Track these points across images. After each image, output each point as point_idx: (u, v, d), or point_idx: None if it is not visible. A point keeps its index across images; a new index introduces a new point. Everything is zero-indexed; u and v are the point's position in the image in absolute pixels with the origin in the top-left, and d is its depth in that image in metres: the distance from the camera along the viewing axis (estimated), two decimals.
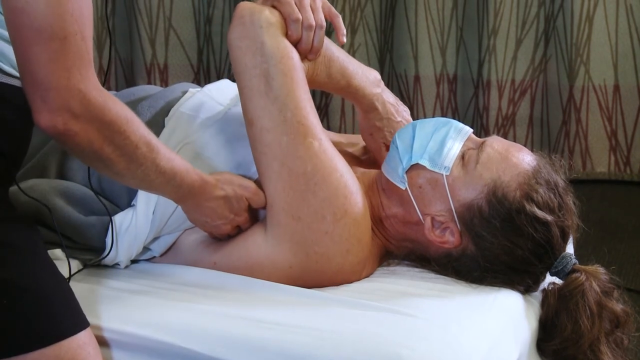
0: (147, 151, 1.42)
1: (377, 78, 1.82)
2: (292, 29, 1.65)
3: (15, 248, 1.39)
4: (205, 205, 1.58)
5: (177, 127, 1.71)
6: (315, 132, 1.62)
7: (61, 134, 1.32)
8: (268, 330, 1.48)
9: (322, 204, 1.60)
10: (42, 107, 1.30)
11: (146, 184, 1.49)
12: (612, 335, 1.66)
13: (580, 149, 3.75)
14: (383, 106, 1.82)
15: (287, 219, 1.60)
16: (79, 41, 1.30)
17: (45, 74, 1.29)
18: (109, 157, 1.38)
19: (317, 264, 1.61)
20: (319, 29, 1.67)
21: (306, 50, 1.67)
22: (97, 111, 1.33)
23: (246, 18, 1.63)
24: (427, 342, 1.46)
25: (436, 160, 1.66)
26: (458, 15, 3.80)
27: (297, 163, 1.60)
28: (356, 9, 3.86)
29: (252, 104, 1.62)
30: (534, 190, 1.63)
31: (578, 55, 3.66)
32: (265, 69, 1.61)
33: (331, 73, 1.74)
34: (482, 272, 1.65)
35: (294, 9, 1.65)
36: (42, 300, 1.38)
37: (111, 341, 1.51)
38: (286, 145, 1.60)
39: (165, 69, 3.94)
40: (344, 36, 1.72)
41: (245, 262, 1.63)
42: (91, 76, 1.33)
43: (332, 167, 1.62)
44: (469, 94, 3.84)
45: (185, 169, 1.52)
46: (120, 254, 1.66)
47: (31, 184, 1.63)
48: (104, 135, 1.35)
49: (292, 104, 1.61)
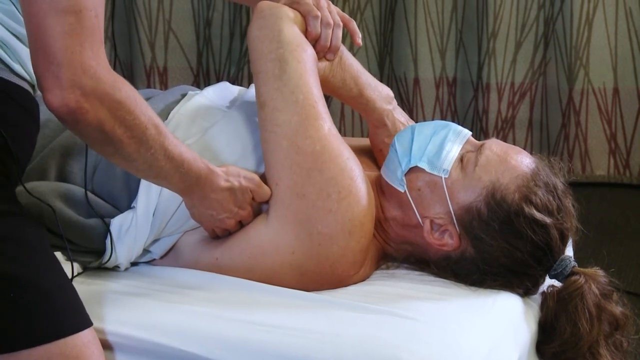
0: (155, 134, 1.42)
1: (389, 95, 1.85)
2: (312, 25, 1.70)
3: (22, 243, 1.39)
4: (211, 196, 1.58)
5: (176, 130, 1.71)
6: (325, 117, 1.65)
7: (72, 112, 1.31)
8: (267, 333, 1.48)
9: (328, 182, 1.61)
10: (54, 84, 1.30)
11: (155, 170, 1.48)
12: (612, 337, 1.66)
13: (580, 151, 3.75)
14: (393, 124, 1.84)
15: (292, 196, 1.61)
16: (92, 17, 1.30)
17: (59, 47, 1.29)
18: (120, 138, 1.38)
19: (319, 246, 1.60)
20: (337, 28, 1.72)
21: (325, 47, 1.71)
22: (108, 89, 1.33)
23: (266, 12, 1.69)
24: (427, 345, 1.46)
25: (435, 163, 1.66)
26: (457, 18, 3.80)
27: (306, 142, 1.61)
28: (356, 12, 3.87)
29: (266, 87, 1.65)
30: (533, 193, 1.63)
31: (577, 58, 3.67)
32: (280, 54, 1.65)
33: (345, 78, 1.77)
34: (481, 274, 1.65)
35: (313, 7, 1.71)
36: (47, 297, 1.38)
37: (111, 343, 1.51)
38: (296, 124, 1.62)
39: (164, 71, 3.94)
40: (360, 39, 1.78)
41: (247, 253, 1.63)
42: (102, 55, 1.33)
43: (339, 150, 1.63)
44: (469, 96, 3.85)
45: (192, 157, 1.52)
46: (120, 256, 1.66)
47: (31, 186, 1.62)
48: (114, 115, 1.35)
49: (305, 88, 1.64)
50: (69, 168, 1.70)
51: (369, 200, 1.64)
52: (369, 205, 1.64)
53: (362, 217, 1.62)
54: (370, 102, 1.81)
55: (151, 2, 3.88)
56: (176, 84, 3.88)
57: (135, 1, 3.87)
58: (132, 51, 3.94)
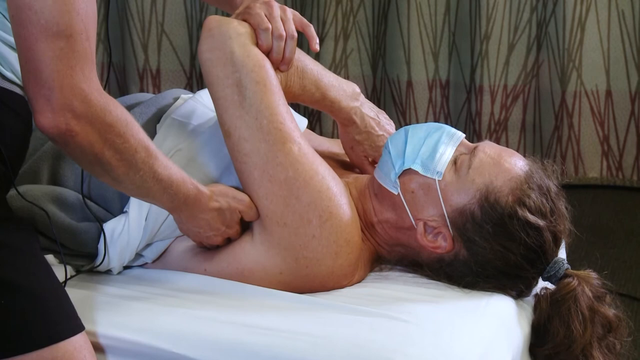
0: (145, 156, 1.42)
1: (355, 91, 1.82)
2: (263, 38, 1.65)
3: (13, 249, 1.39)
4: (199, 216, 1.58)
5: (168, 134, 1.71)
6: (293, 136, 1.62)
7: (62, 134, 1.32)
8: (261, 336, 1.47)
9: (307, 208, 1.60)
10: (45, 107, 1.30)
11: (143, 191, 1.48)
12: (605, 340, 1.66)
13: (573, 154, 3.75)
14: (362, 120, 1.82)
15: (273, 225, 1.60)
16: (84, 41, 1.31)
17: (50, 72, 1.29)
18: (109, 161, 1.38)
19: (307, 268, 1.61)
20: (289, 39, 1.67)
21: (277, 60, 1.67)
22: (99, 112, 1.33)
23: (214, 30, 1.64)
24: (420, 347, 1.46)
25: (428, 166, 1.66)
26: (450, 20, 3.80)
27: (277, 170, 1.60)
28: (349, 14, 3.87)
29: (228, 115, 1.62)
30: (526, 195, 1.63)
31: (570, 60, 3.67)
32: (237, 78, 1.61)
33: (305, 85, 1.73)
34: (474, 277, 1.65)
35: (263, 19, 1.65)
36: (38, 302, 1.38)
37: (103, 347, 1.51)
38: (265, 152, 1.60)
39: (157, 74, 3.94)
40: (317, 44, 1.72)
41: (235, 268, 1.63)
42: (93, 77, 1.33)
43: (313, 171, 1.62)
44: (462, 99, 3.85)
45: (182, 179, 1.52)
46: (112, 260, 1.66)
47: (23, 189, 1.62)
48: (104, 138, 1.35)
49: (267, 111, 1.61)
50: (61, 171, 1.70)
51: (351, 215, 1.64)
52: (352, 219, 1.64)
53: (346, 235, 1.62)
54: (335, 102, 1.78)
55: (144, 5, 3.87)
56: (169, 86, 3.88)
57: (128, 4, 3.86)
58: (125, 53, 3.93)
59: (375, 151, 1.84)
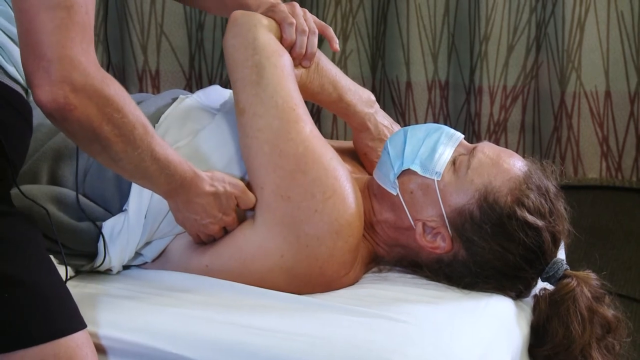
0: (143, 133, 1.42)
1: (370, 99, 1.85)
2: (287, 32, 1.71)
3: (17, 244, 1.39)
4: (195, 201, 1.58)
5: (167, 133, 1.71)
6: (305, 119, 1.65)
7: (61, 108, 1.31)
8: (259, 337, 1.47)
9: (313, 183, 1.61)
10: (43, 79, 1.30)
11: (141, 171, 1.48)
12: (604, 340, 1.66)
13: (572, 154, 3.75)
14: (375, 127, 1.85)
15: (277, 199, 1.61)
16: (83, 14, 1.31)
17: (50, 42, 1.29)
18: (107, 136, 1.38)
19: (307, 247, 1.60)
20: (312, 35, 1.73)
21: (300, 54, 1.72)
22: (97, 86, 1.33)
23: (240, 20, 1.70)
24: (419, 348, 1.46)
25: (427, 166, 1.66)
26: (449, 21, 3.80)
27: (288, 144, 1.62)
28: (348, 15, 3.87)
29: (245, 94, 1.65)
30: (525, 196, 1.63)
31: (569, 61, 3.67)
32: (257, 60, 1.66)
33: (323, 84, 1.78)
34: (473, 277, 1.65)
35: (288, 15, 1.72)
36: (40, 297, 1.38)
37: (103, 347, 1.51)
38: (277, 128, 1.63)
39: (157, 75, 3.94)
40: (337, 44, 1.79)
41: (237, 258, 1.63)
42: (92, 51, 1.33)
43: (322, 151, 1.64)
44: (461, 100, 3.85)
45: (178, 159, 1.52)
46: (112, 259, 1.66)
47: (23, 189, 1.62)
48: (102, 112, 1.35)
49: (284, 92, 1.65)
50: (60, 171, 1.70)
51: (355, 199, 1.64)
52: (356, 203, 1.64)
53: (348, 216, 1.62)
54: (350, 106, 1.82)
55: (143, 6, 3.87)
56: (168, 87, 3.88)
57: (127, 5, 3.87)
58: (125, 54, 3.93)
59: None
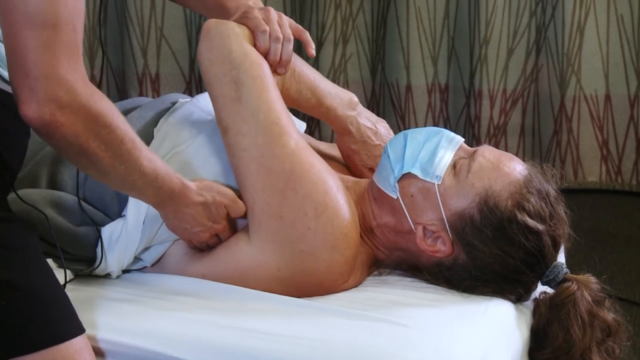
0: (131, 148, 1.42)
1: (352, 100, 1.83)
2: (260, 40, 1.68)
3: (15, 249, 1.39)
4: (184, 211, 1.58)
5: (165, 138, 1.71)
6: (289, 131, 1.63)
7: (47, 124, 1.31)
8: (259, 340, 1.47)
9: (303, 201, 1.60)
10: (29, 97, 1.29)
11: (128, 185, 1.48)
12: (604, 344, 1.66)
13: (572, 158, 3.75)
14: (357, 129, 1.83)
15: (269, 219, 1.60)
16: (70, 31, 1.30)
17: (35, 61, 1.28)
18: (94, 151, 1.38)
19: (303, 263, 1.60)
20: (286, 42, 1.70)
21: (275, 61, 1.69)
22: (84, 102, 1.33)
23: (212, 31, 1.67)
24: (419, 351, 1.46)
25: (428, 170, 1.66)
26: (449, 25, 3.80)
27: (274, 162, 1.61)
28: (348, 18, 3.87)
29: (226, 111, 1.64)
30: (526, 200, 1.63)
31: (569, 65, 3.67)
32: (235, 75, 1.64)
33: (301, 89, 1.75)
34: (473, 281, 1.65)
35: (261, 22, 1.69)
36: (39, 303, 1.38)
37: (103, 350, 1.50)
38: (262, 145, 1.61)
39: (157, 78, 3.94)
40: (313, 50, 1.75)
41: (234, 270, 1.63)
42: (79, 68, 1.33)
43: (309, 164, 1.63)
44: (461, 103, 3.85)
45: (166, 172, 1.52)
46: (111, 264, 1.66)
47: (22, 193, 1.62)
48: (89, 128, 1.35)
49: (265, 106, 1.63)
50: (60, 175, 1.70)
51: (348, 209, 1.64)
52: (350, 213, 1.64)
53: (342, 229, 1.62)
54: (331, 110, 1.80)
55: (143, 9, 3.87)
56: (168, 90, 3.89)
57: (127, 8, 3.87)
58: (124, 58, 3.93)
59: (372, 160, 1.85)
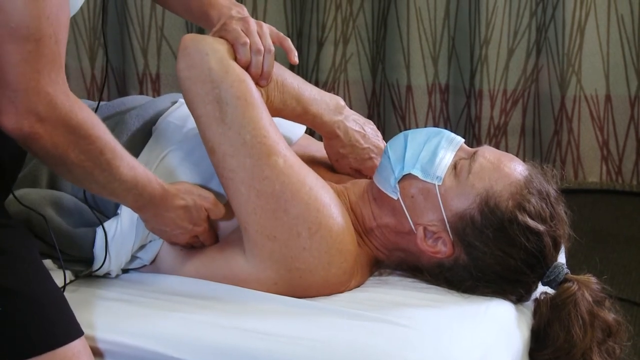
0: (111, 158, 1.42)
1: (339, 104, 1.81)
2: (241, 52, 1.65)
3: (12, 255, 1.39)
4: (164, 215, 1.59)
5: (163, 135, 1.71)
6: (278, 149, 1.61)
7: (26, 136, 1.32)
8: (260, 341, 1.47)
9: (296, 221, 1.59)
10: (9, 108, 1.29)
11: (108, 191, 1.49)
12: (605, 344, 1.66)
13: (572, 158, 3.75)
14: (345, 133, 1.82)
15: (263, 239, 1.60)
16: (52, 44, 1.30)
17: (16, 74, 1.28)
18: (73, 161, 1.38)
19: (300, 278, 1.61)
20: (267, 54, 1.66)
21: (256, 74, 1.66)
22: (63, 115, 1.33)
23: (190, 48, 1.63)
24: (420, 352, 1.46)
25: (428, 170, 1.66)
26: (450, 25, 3.80)
27: (264, 183, 1.59)
28: (348, 19, 3.87)
29: (211, 132, 1.62)
30: (526, 200, 1.63)
31: (570, 65, 3.67)
32: (217, 95, 1.61)
33: (285, 99, 1.73)
34: (474, 281, 1.65)
35: (240, 34, 1.65)
36: (36, 308, 1.38)
37: (103, 351, 1.51)
38: (251, 167, 1.60)
39: (157, 78, 3.94)
40: (295, 57, 1.72)
41: (231, 280, 1.63)
42: (61, 80, 1.33)
43: (300, 182, 1.61)
44: (461, 103, 3.85)
45: (147, 179, 1.52)
46: (110, 264, 1.66)
47: (22, 193, 1.62)
48: (68, 140, 1.35)
49: (250, 126, 1.61)
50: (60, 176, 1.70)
51: (342, 219, 1.63)
52: (344, 228, 1.63)
53: (338, 244, 1.62)
54: (317, 117, 1.78)
55: (144, 9, 3.87)
56: (169, 91, 3.89)
57: (127, 8, 3.87)
58: (125, 58, 3.94)
59: (361, 164, 1.84)
